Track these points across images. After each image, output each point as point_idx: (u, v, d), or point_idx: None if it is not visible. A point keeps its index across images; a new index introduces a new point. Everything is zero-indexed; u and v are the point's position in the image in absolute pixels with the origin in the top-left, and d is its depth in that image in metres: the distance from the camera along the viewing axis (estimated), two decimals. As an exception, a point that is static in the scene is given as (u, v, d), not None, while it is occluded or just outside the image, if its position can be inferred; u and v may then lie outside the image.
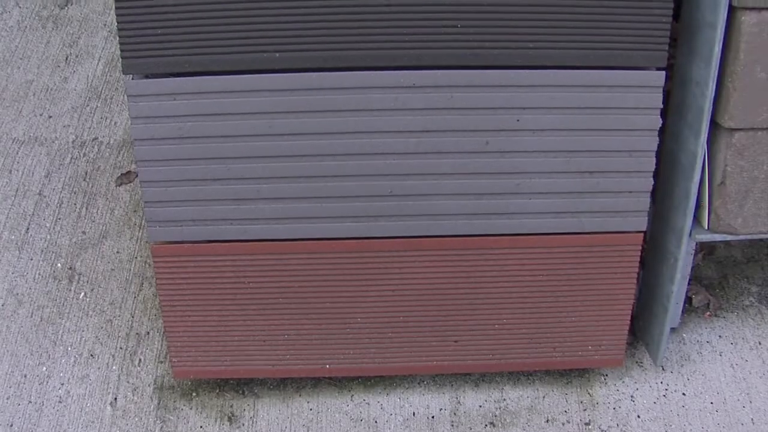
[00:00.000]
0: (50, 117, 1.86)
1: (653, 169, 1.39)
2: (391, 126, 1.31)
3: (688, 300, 1.65)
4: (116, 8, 1.27)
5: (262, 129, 1.31)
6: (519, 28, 1.28)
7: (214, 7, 1.26)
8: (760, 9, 1.31)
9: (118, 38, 1.29)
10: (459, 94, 1.30)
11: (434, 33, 1.27)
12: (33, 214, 1.73)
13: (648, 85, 1.33)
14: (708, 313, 1.67)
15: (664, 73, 1.34)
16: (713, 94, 1.36)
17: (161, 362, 1.54)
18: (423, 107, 1.30)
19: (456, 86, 1.30)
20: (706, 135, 1.38)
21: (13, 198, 1.75)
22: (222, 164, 1.33)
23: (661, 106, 1.35)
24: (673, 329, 1.60)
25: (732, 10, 1.31)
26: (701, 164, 1.39)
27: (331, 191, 1.35)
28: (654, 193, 1.46)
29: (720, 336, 1.62)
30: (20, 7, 2.02)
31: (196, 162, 1.34)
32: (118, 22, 1.28)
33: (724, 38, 1.33)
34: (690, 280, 1.57)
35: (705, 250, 1.74)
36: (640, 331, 1.64)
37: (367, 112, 1.30)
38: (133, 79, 1.32)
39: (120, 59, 1.26)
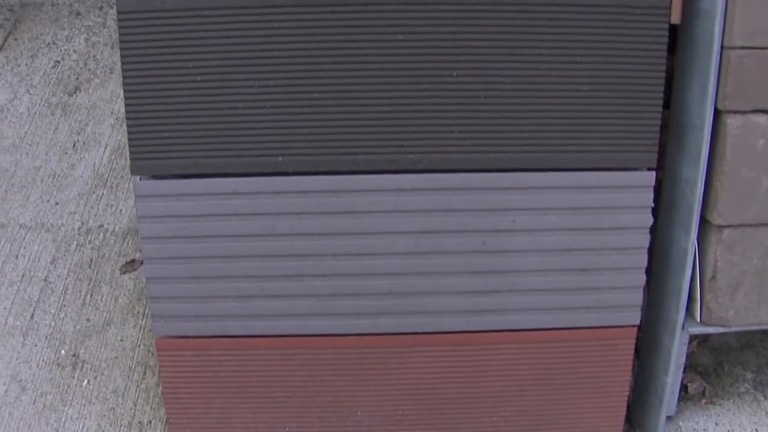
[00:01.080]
0: (57, 203, 1.91)
1: (645, 265, 1.44)
2: (391, 227, 1.36)
3: (684, 388, 1.68)
4: (126, 112, 1.34)
5: (265, 229, 1.37)
6: (514, 132, 1.35)
7: (220, 112, 1.32)
8: (744, 112, 1.37)
9: (128, 141, 1.35)
10: (456, 197, 1.36)
11: (432, 138, 1.34)
12: (38, 300, 1.77)
13: (639, 185, 1.39)
14: (704, 400, 1.70)
15: (654, 173, 1.40)
16: (702, 193, 1.42)
17: (163, 451, 1.57)
18: (422, 209, 1.36)
19: (454, 189, 1.36)
20: (697, 231, 1.44)
21: (18, 284, 1.80)
22: (226, 263, 1.38)
23: (652, 205, 1.41)
24: (669, 417, 1.63)
25: (718, 113, 1.38)
26: (692, 259, 1.44)
27: (332, 290, 1.40)
28: (647, 286, 1.51)
29: (716, 423, 1.65)
30: (30, 94, 2.09)
31: (201, 260, 1.38)
32: (128, 126, 1.34)
33: (711, 139, 1.40)
34: (685, 368, 1.60)
35: (699, 337, 1.78)
36: (636, 420, 1.68)
37: (367, 214, 1.36)
38: (141, 179, 1.37)
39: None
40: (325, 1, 1.28)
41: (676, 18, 1.38)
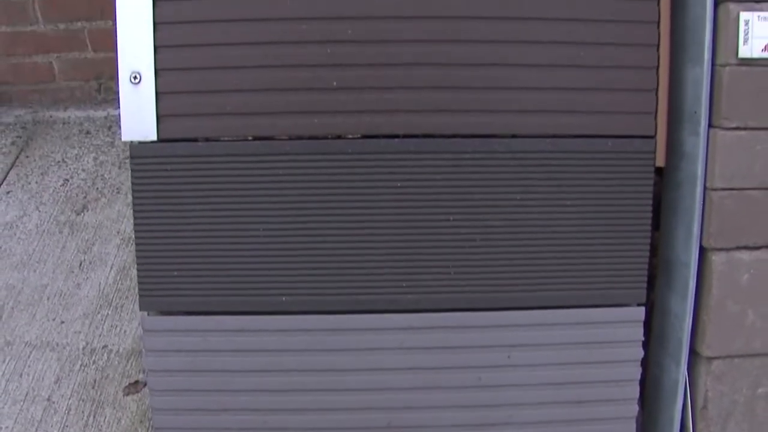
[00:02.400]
0: (62, 322, 1.97)
1: (637, 396, 1.50)
2: (390, 364, 1.43)
3: None
4: (137, 250, 1.42)
5: (270, 365, 1.43)
6: (507, 273, 1.43)
7: (227, 253, 1.40)
8: (728, 249, 1.46)
9: (137, 278, 1.42)
10: (453, 335, 1.43)
11: (430, 279, 1.41)
12: (41, 421, 1.81)
13: (629, 320, 1.46)
14: None
15: (643, 308, 1.47)
16: (691, 326, 1.49)
17: None
18: (420, 347, 1.43)
19: (451, 327, 1.43)
20: (687, 363, 1.50)
21: (22, 402, 1.84)
22: (231, 396, 1.44)
23: (642, 339, 1.48)
24: None
25: (703, 250, 1.46)
26: (684, 390, 1.51)
27: (333, 423, 1.45)
28: (640, 417, 1.56)
29: None
30: (39, 211, 2.18)
31: (206, 393, 1.44)
32: (138, 264, 1.42)
33: (698, 275, 1.48)
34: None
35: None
36: None
37: (367, 351, 1.43)
38: (149, 315, 1.45)
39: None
40: (328, 149, 1.38)
41: (660, 161, 1.48)
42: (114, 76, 2.30)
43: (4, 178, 2.27)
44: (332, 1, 1.35)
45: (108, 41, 2.26)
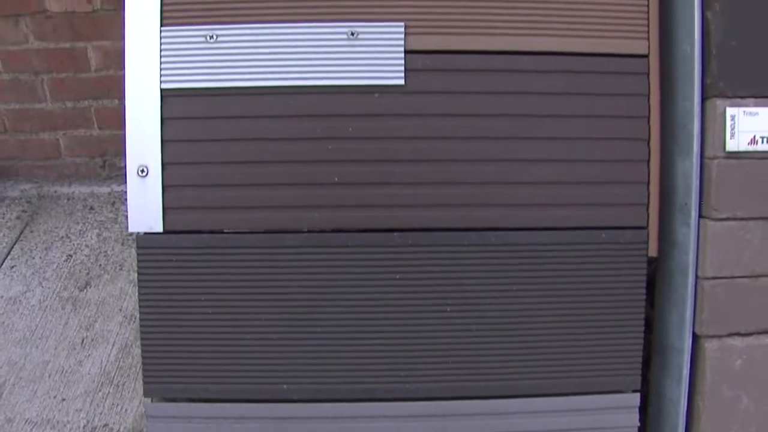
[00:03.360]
0: (63, 400, 2.01)
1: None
2: (390, 451, 1.47)
3: None
4: (141, 338, 1.46)
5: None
6: (503, 362, 1.47)
7: (229, 342, 1.46)
8: (720, 336, 1.50)
9: (141, 365, 1.46)
10: (451, 422, 1.47)
11: (427, 368, 1.46)
12: (41, 501, 1.83)
13: (625, 406, 1.50)
14: None
15: (638, 395, 1.51)
16: (686, 410, 1.53)
17: None
18: (419, 436, 1.46)
19: (448, 415, 1.47)
20: (684, 449, 1.54)
21: (21, 482, 1.86)
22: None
23: (638, 425, 1.51)
24: None
25: (696, 337, 1.51)
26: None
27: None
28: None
29: None
30: (43, 287, 2.23)
31: (207, 481, 1.48)
32: (142, 351, 1.46)
33: (692, 361, 1.52)
34: None
35: None
36: None
37: (369, 439, 1.47)
38: (152, 401, 1.48)
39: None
40: (329, 243, 1.43)
41: (653, 251, 1.53)
42: (119, 154, 2.37)
43: (9, 253, 2.32)
44: (333, 100, 1.41)
45: (113, 119, 2.34)
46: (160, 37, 1.43)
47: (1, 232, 2.37)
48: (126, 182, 1.45)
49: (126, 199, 1.46)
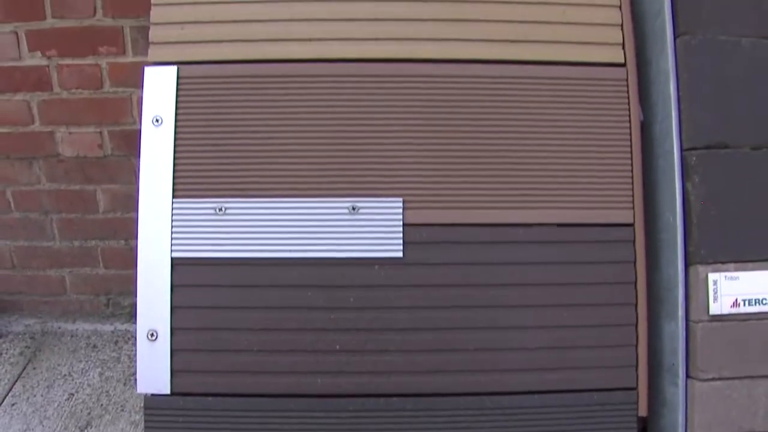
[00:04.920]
0: None
1: None
2: None
3: None
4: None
5: None
6: None
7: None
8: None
9: None
10: None
11: None
12: None
13: None
14: None
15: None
16: None
17: None
18: None
19: None
20: None
21: None
22: None
23: None
24: None
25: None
26: None
27: None
28: None
29: None
30: (43, 426, 2.28)
31: None
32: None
33: None
34: None
35: None
36: None
37: None
38: None
39: None
40: (330, 407, 1.53)
41: (643, 411, 1.61)
42: (123, 292, 2.47)
43: (10, 390, 2.39)
44: (335, 271, 1.52)
45: (118, 259, 2.45)
46: (172, 209, 1.54)
47: (4, 368, 2.44)
48: (136, 344, 1.54)
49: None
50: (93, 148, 2.31)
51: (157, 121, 1.55)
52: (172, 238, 1.54)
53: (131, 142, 2.29)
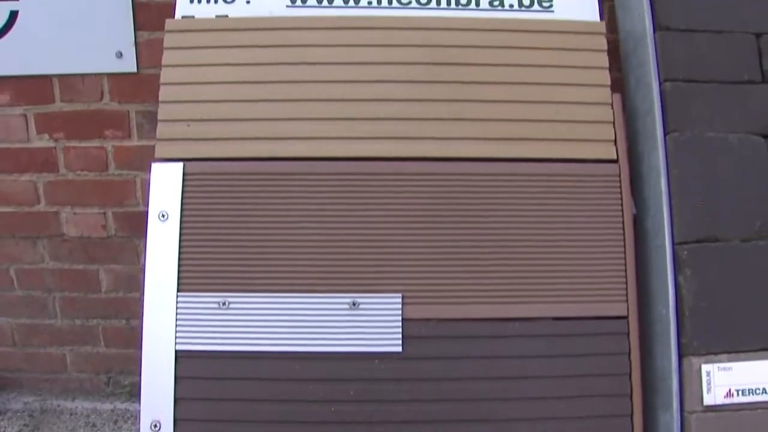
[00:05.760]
0: None
1: None
2: None
3: None
4: None
5: None
6: None
7: None
8: None
9: None
10: None
11: None
12: None
13: None
14: None
15: None
16: None
17: None
18: None
19: None
20: None
21: None
22: None
23: None
24: None
25: None
26: None
27: None
28: None
29: None
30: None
31: None
32: None
33: None
34: None
35: None
36: None
37: None
38: None
39: None
40: None
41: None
42: (123, 371, 2.51)
43: (8, 470, 2.41)
44: (336, 365, 1.57)
45: (120, 338, 2.50)
46: (177, 302, 1.60)
47: (3, 447, 2.47)
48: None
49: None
50: (97, 229, 2.37)
51: (163, 216, 1.61)
52: (176, 331, 1.59)
53: (135, 224, 2.35)
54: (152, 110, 2.29)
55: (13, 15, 2.25)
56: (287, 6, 1.76)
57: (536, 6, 1.77)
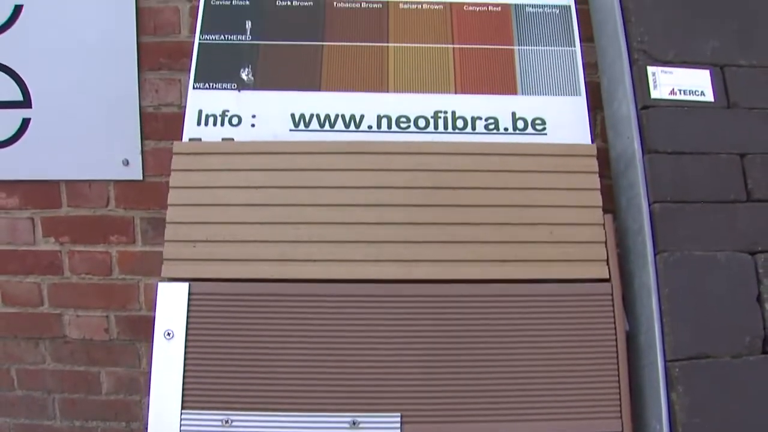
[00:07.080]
0: None
1: None
2: None
3: None
4: None
5: None
6: None
7: None
8: None
9: None
10: None
11: None
12: None
13: None
14: None
15: None
16: None
17: None
18: None
19: None
20: None
21: None
22: None
23: None
24: None
25: None
26: None
27: None
28: None
29: None
30: None
31: None
32: None
33: None
34: None
35: None
36: None
37: None
38: None
39: None
40: None
41: None
42: (123, 475, 2.55)
43: None
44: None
45: (120, 441, 2.54)
46: (181, 420, 1.66)
47: None
48: None
49: None
50: (99, 332, 2.45)
51: (168, 334, 1.69)
52: (181, 450, 1.65)
53: (137, 328, 2.42)
54: (157, 217, 2.39)
55: (26, 122, 2.36)
56: (290, 130, 1.87)
57: (530, 129, 1.87)
